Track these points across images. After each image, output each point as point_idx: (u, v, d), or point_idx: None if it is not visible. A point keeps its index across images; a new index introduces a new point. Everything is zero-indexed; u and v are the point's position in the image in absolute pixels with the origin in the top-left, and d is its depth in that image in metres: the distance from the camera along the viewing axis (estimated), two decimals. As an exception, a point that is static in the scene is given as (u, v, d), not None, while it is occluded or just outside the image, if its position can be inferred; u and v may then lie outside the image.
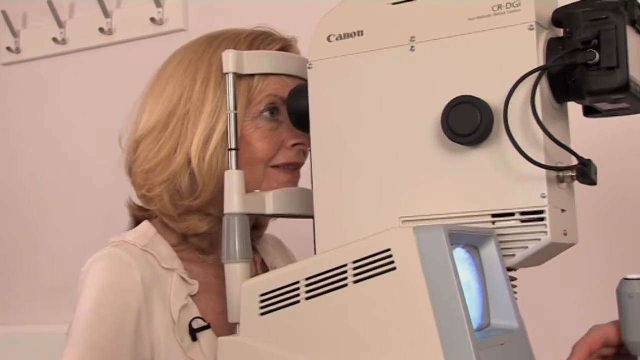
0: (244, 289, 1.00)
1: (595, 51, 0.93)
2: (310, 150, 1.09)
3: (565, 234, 0.98)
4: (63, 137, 2.17)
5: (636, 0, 0.96)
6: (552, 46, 0.97)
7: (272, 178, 1.17)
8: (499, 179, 0.96)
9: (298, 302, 0.95)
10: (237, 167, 1.10)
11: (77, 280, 1.15)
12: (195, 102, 1.15)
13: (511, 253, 0.96)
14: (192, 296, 1.17)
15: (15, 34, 2.20)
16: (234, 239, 1.07)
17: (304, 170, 1.20)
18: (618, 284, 0.99)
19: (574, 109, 1.05)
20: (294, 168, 1.20)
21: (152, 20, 2.03)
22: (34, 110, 2.22)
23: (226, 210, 1.08)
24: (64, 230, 2.14)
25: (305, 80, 1.08)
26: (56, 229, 2.16)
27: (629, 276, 0.98)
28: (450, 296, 0.86)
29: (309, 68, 1.06)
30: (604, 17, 0.93)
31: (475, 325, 0.89)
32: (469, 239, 0.95)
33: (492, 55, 0.96)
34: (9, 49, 2.21)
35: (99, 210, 2.05)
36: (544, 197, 0.94)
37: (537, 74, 0.93)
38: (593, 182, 0.95)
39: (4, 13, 2.19)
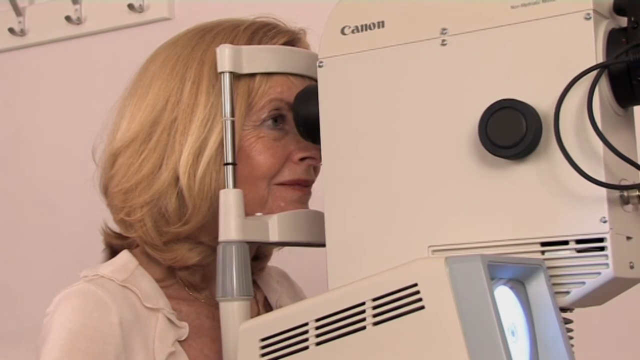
0: (241, 332, 1.03)
1: (666, 44, 0.95)
2: (321, 165, 1.12)
3: (632, 267, 1.00)
4: (20, 150, 2.20)
5: None
6: (614, 39, 1.00)
7: (278, 196, 1.20)
8: (549, 200, 0.98)
9: (306, 347, 0.98)
10: (235, 185, 1.13)
11: (40, 324, 1.18)
12: (184, 107, 1.18)
13: (565, 290, 0.99)
14: (180, 341, 1.19)
15: (-40, 23, 2.22)
16: (231, 272, 1.10)
17: (315, 189, 1.23)
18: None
19: (641, 114, 1.08)
20: (303, 185, 1.23)
21: (130, 7, 2.07)
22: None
23: (221, 238, 1.12)
24: (23, 262, 2.16)
25: (315, 81, 1.12)
26: (13, 262, 2.18)
27: None
28: (489, 341, 0.88)
29: (320, 66, 1.10)
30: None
31: (520, 376, 0.92)
32: (513, 272, 0.97)
33: (540, 50, 1.00)
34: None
35: (66, 238, 2.07)
36: (605, 222, 0.96)
37: (595, 72, 0.96)
38: (665, 203, 0.98)
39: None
